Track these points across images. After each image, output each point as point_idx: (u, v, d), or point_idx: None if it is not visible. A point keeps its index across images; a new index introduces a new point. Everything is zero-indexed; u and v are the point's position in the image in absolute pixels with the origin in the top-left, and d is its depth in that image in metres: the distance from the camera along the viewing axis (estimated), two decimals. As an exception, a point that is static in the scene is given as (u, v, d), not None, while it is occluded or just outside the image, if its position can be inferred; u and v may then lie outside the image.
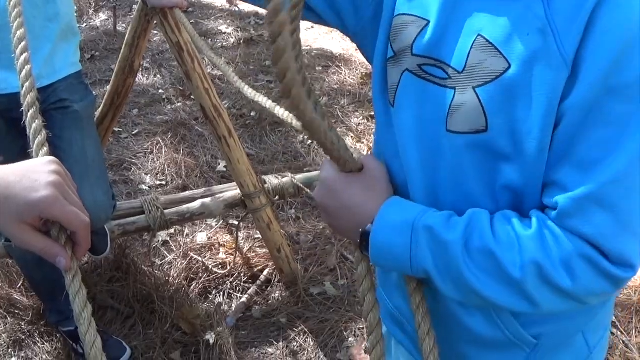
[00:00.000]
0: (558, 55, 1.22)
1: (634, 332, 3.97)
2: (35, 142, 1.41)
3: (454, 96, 1.36)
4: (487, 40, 1.29)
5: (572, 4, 1.21)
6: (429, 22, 1.41)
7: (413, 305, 1.57)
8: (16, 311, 4.10)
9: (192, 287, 4.34)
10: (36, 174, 1.24)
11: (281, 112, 2.16)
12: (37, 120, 1.44)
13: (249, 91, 2.37)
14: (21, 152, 3.32)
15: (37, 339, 3.97)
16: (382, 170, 1.54)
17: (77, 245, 1.29)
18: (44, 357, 3.88)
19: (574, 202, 1.27)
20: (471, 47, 1.32)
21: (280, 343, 4.01)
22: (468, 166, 1.41)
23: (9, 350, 3.92)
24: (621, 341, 3.92)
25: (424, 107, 1.44)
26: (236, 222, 4.73)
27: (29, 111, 1.46)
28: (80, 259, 1.32)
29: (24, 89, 1.50)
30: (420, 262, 1.40)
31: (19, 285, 4.20)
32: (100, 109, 4.14)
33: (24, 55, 1.57)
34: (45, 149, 1.40)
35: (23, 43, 1.59)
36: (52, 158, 1.31)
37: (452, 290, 1.41)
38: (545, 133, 1.28)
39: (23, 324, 4.04)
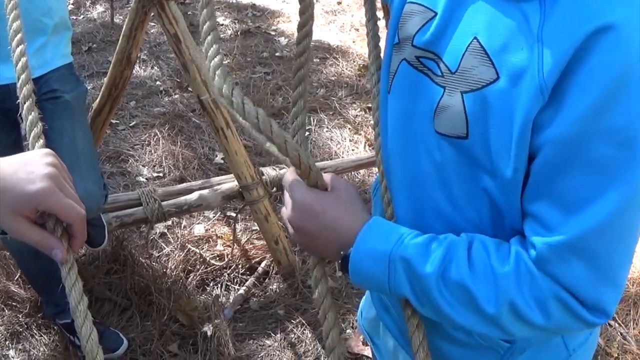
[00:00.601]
0: (536, 80, 1.18)
1: (631, 324, 3.98)
2: (32, 134, 1.41)
3: (442, 96, 1.35)
4: (482, 46, 1.27)
5: (567, 25, 1.15)
6: (436, 14, 1.39)
7: (402, 301, 1.56)
8: (13, 303, 4.09)
9: (189, 279, 4.34)
10: (32, 166, 1.23)
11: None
12: (33, 113, 1.44)
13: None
14: (15, 144, 3.33)
15: (35, 331, 3.97)
16: (352, 189, 1.49)
17: (73, 237, 1.29)
18: (41, 349, 3.87)
19: (553, 249, 1.26)
20: (466, 50, 1.29)
21: (278, 335, 4.02)
22: (450, 167, 1.40)
23: (7, 342, 3.92)
24: (619, 333, 3.93)
25: (414, 100, 1.44)
26: (234, 214, 4.73)
27: (25, 103, 1.45)
28: (76, 252, 1.31)
29: (20, 81, 1.49)
30: (399, 290, 1.39)
31: (17, 277, 4.19)
32: (97, 100, 4.13)
33: (20, 47, 1.56)
34: (42, 141, 1.40)
35: (19, 35, 1.58)
36: (48, 150, 1.31)
37: (430, 315, 1.42)
38: (519, 159, 1.25)
39: (20, 316, 4.03)
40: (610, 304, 1.30)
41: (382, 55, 1.65)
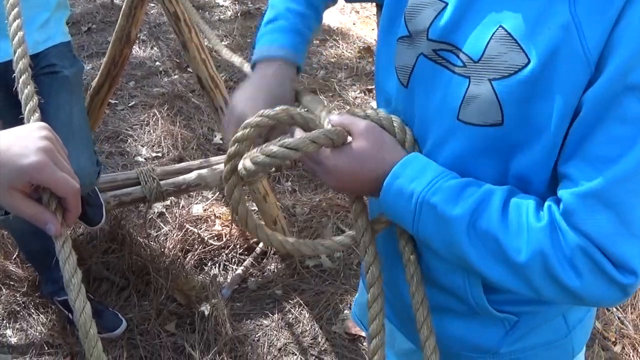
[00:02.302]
0: (582, 55, 1.20)
1: (629, 308, 3.98)
2: (27, 108, 1.40)
3: (468, 86, 1.34)
4: (508, 33, 1.27)
5: (600, 1, 1.19)
6: (446, 4, 1.38)
7: (407, 275, 1.57)
8: (11, 282, 4.10)
9: (187, 259, 4.34)
10: (26, 139, 1.23)
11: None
12: (29, 86, 1.44)
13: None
14: (18, 122, 3.33)
15: (32, 310, 3.97)
16: (371, 126, 1.48)
17: (67, 211, 1.28)
18: (38, 328, 3.88)
19: (579, 198, 1.25)
20: (491, 38, 1.29)
21: (276, 315, 4.02)
22: (478, 156, 1.40)
23: (4, 322, 3.93)
24: (616, 317, 3.93)
25: (437, 93, 1.43)
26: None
27: (21, 77, 1.45)
28: (70, 225, 1.31)
29: (17, 55, 1.49)
30: (424, 233, 1.40)
31: (14, 256, 4.19)
32: (96, 79, 4.13)
33: (17, 21, 1.56)
34: (37, 114, 1.39)
35: (16, 9, 1.57)
36: (43, 124, 1.30)
37: (455, 262, 1.43)
38: (560, 129, 1.27)
39: (18, 295, 4.03)
40: (637, 259, 1.26)
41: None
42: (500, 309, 1.58)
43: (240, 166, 1.49)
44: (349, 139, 1.45)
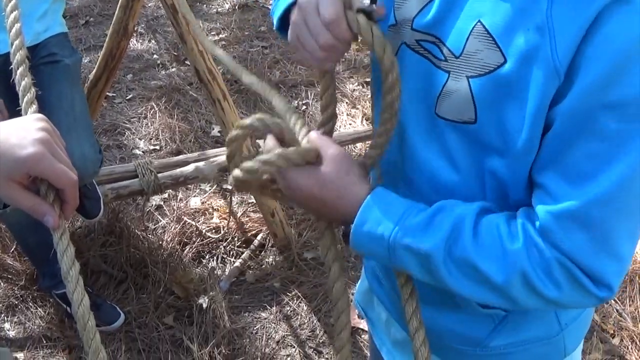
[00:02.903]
0: (550, 61, 1.17)
1: (627, 300, 3.98)
2: (25, 99, 1.40)
3: (447, 81, 1.33)
4: (486, 30, 1.25)
5: (575, 4, 1.15)
6: None
7: (395, 269, 1.56)
8: (9, 276, 4.10)
9: (185, 252, 4.35)
10: (24, 131, 1.23)
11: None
12: (26, 78, 1.43)
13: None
14: (18, 113, 3.34)
15: (30, 304, 3.98)
16: (342, 153, 1.42)
17: (65, 203, 1.28)
18: (36, 322, 3.88)
19: (555, 218, 1.26)
20: (470, 34, 1.27)
21: (274, 307, 4.02)
22: (456, 149, 1.40)
23: (2, 315, 3.93)
24: (615, 309, 3.94)
25: (417, 84, 1.42)
26: (230, 187, 4.73)
27: (18, 69, 1.45)
28: (68, 217, 1.31)
29: (14, 46, 1.49)
30: (403, 268, 1.41)
31: (12, 250, 4.19)
32: (94, 71, 4.13)
33: (14, 13, 1.55)
34: (35, 106, 1.38)
35: (13, 1, 1.57)
36: (40, 115, 1.30)
37: (438, 287, 1.41)
38: (533, 134, 1.25)
39: (16, 289, 4.04)
40: (613, 277, 1.29)
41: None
42: (488, 306, 1.58)
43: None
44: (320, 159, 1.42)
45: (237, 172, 1.44)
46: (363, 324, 3.81)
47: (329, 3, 1.31)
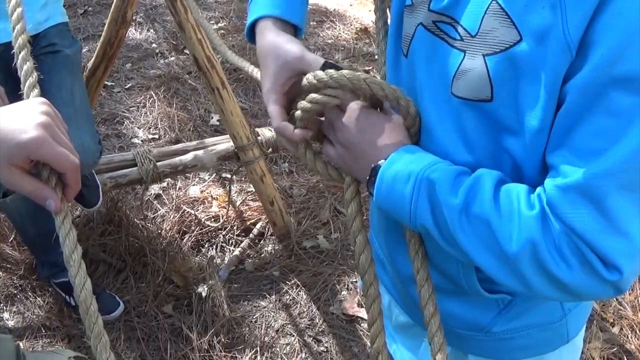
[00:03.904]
0: (562, 38, 1.16)
1: (627, 292, 3.98)
2: (27, 83, 1.40)
3: (462, 60, 1.33)
4: (502, 8, 1.24)
5: None
6: None
7: (412, 252, 1.56)
8: (8, 266, 4.09)
9: (184, 240, 4.35)
10: (25, 115, 1.22)
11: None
12: (28, 62, 1.43)
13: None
14: (20, 98, 3.35)
15: (29, 293, 3.97)
16: (399, 118, 1.50)
17: (67, 187, 1.28)
18: (36, 311, 3.88)
19: (561, 191, 1.23)
20: (485, 12, 1.27)
21: (273, 296, 4.02)
22: (471, 129, 1.39)
23: (1, 305, 3.93)
24: (614, 298, 3.94)
25: (433, 65, 1.42)
26: (229, 176, 4.73)
27: (20, 53, 1.44)
28: (70, 201, 1.31)
29: (16, 30, 1.48)
30: (420, 217, 1.38)
31: (11, 239, 4.19)
32: (92, 60, 4.12)
33: (16, -1, 1.55)
34: (37, 90, 1.38)
35: (15, -14, 1.57)
36: (42, 99, 1.30)
37: (451, 250, 1.40)
38: (547, 112, 1.24)
39: (15, 278, 4.03)
40: (622, 257, 1.22)
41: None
42: (494, 290, 1.58)
43: (297, 114, 1.53)
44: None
45: (305, 104, 1.49)
46: (362, 313, 3.82)
47: (272, 115, 1.54)
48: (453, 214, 1.32)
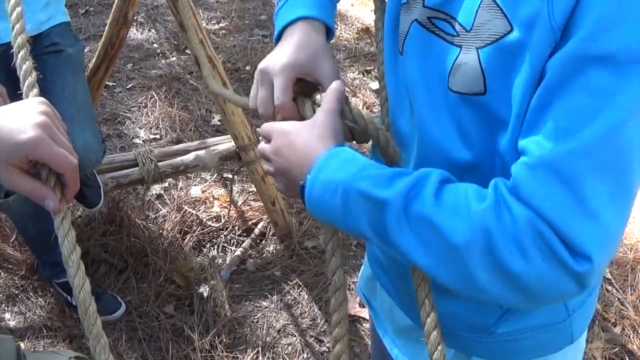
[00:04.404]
0: (547, 23, 1.14)
1: (629, 289, 3.98)
2: (26, 83, 1.39)
3: (458, 55, 1.32)
4: (494, 0, 1.24)
5: None
6: None
7: None
8: (9, 266, 4.09)
9: (186, 241, 4.34)
10: (24, 115, 1.22)
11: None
12: (27, 62, 1.43)
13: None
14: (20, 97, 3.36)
15: (31, 293, 3.97)
16: (333, 115, 1.44)
17: (65, 187, 1.28)
18: (37, 311, 3.88)
19: (529, 169, 1.15)
20: (479, 6, 1.26)
21: (275, 296, 4.02)
22: (468, 124, 1.37)
23: (2, 305, 3.93)
24: (616, 298, 3.94)
25: (429, 61, 1.41)
26: (230, 176, 4.72)
27: (19, 53, 1.44)
28: (69, 201, 1.31)
29: (15, 30, 1.48)
30: (356, 226, 1.31)
31: (12, 239, 4.19)
32: (93, 60, 4.12)
33: (16, -2, 1.55)
34: (36, 90, 1.38)
35: (15, -14, 1.56)
36: (41, 99, 1.30)
37: (393, 254, 1.32)
38: (525, 99, 1.21)
39: (16, 278, 4.03)
40: (592, 244, 1.10)
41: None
42: None
43: None
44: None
45: None
46: (364, 313, 3.81)
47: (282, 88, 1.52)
48: (391, 218, 1.24)
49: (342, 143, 1.42)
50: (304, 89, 1.53)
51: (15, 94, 1.52)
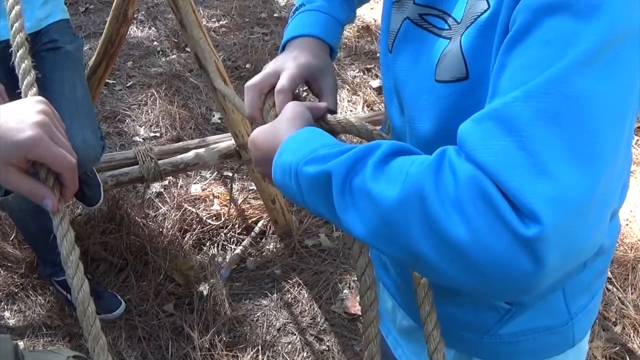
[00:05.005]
0: None
1: (629, 288, 3.98)
2: (24, 82, 1.39)
3: (446, 46, 1.31)
4: None
5: None
6: None
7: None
8: (9, 264, 4.09)
9: (185, 239, 4.34)
10: (23, 114, 1.22)
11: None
12: (26, 61, 1.43)
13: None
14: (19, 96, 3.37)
15: (30, 292, 3.97)
16: (295, 108, 1.44)
17: (64, 187, 1.28)
18: (37, 310, 3.88)
19: (474, 122, 1.04)
20: None
21: (275, 295, 4.02)
22: (456, 117, 1.26)
23: (2, 303, 3.93)
24: (617, 297, 3.94)
25: (419, 57, 1.40)
26: (230, 174, 4.72)
27: (18, 51, 1.44)
28: (67, 201, 1.30)
29: (14, 29, 1.48)
30: (314, 205, 1.26)
31: (12, 238, 4.19)
32: (93, 58, 4.11)
33: (14, -4, 1.54)
34: (35, 89, 1.38)
35: (13, -15, 1.56)
36: (40, 98, 1.30)
37: (346, 229, 1.22)
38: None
39: (16, 277, 4.03)
40: (542, 202, 0.94)
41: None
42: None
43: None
44: None
45: None
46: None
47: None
48: (336, 191, 1.16)
49: (311, 124, 1.42)
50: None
51: (15, 92, 1.52)
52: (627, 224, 4.38)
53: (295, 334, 3.79)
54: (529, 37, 1.02)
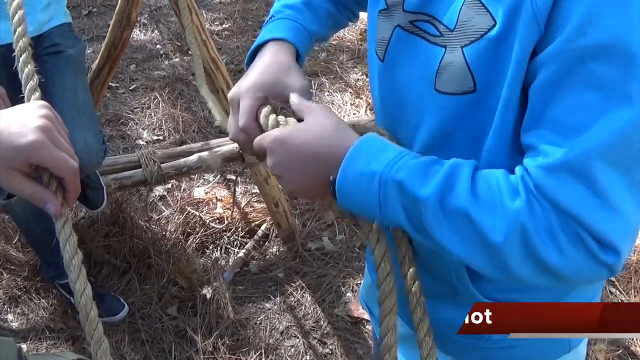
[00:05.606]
0: (530, 11, 1.15)
1: (632, 291, 3.97)
2: (27, 87, 1.40)
3: (444, 55, 1.32)
4: None
5: None
6: None
7: (399, 255, 1.53)
8: (12, 267, 4.10)
9: (189, 242, 4.34)
10: (25, 118, 1.22)
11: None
12: (29, 65, 1.43)
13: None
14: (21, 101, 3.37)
15: (34, 295, 3.97)
16: (327, 111, 1.44)
17: (66, 191, 1.28)
18: (40, 312, 3.88)
19: (547, 171, 1.17)
20: (462, 4, 1.27)
21: (278, 298, 4.02)
22: (457, 127, 1.37)
23: (5, 306, 3.93)
24: (619, 300, 3.93)
25: (415, 64, 1.41)
26: (233, 177, 4.72)
27: (21, 56, 1.44)
28: (70, 206, 1.30)
29: (17, 33, 1.48)
30: (392, 217, 1.31)
31: (15, 241, 4.19)
32: (96, 61, 4.12)
33: (17, 0, 1.54)
34: (37, 93, 1.38)
35: (16, -10, 1.56)
36: (42, 102, 1.30)
37: (428, 244, 1.32)
38: (512, 88, 1.22)
39: (19, 279, 4.04)
40: (617, 236, 1.17)
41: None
42: (489, 297, 1.56)
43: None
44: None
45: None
46: (367, 315, 3.81)
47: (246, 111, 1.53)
48: (428, 209, 1.24)
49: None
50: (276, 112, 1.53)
51: (17, 96, 1.53)
52: None
53: (298, 337, 3.79)
54: (575, 78, 1.15)
